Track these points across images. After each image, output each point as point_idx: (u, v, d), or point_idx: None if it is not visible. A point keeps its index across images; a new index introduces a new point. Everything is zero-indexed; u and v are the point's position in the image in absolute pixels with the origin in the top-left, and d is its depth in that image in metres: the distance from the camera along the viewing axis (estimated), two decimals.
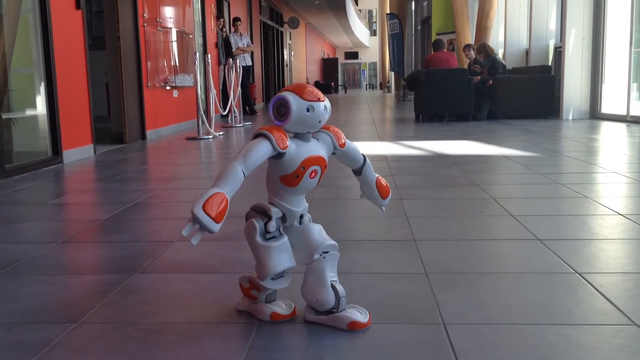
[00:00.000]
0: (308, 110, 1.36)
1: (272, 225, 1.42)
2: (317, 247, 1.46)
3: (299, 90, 1.37)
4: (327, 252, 1.47)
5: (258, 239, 1.42)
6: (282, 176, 1.41)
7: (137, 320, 1.54)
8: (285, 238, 1.46)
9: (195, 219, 1.24)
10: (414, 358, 1.30)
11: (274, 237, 1.44)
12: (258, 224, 1.43)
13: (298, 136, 1.41)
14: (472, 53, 9.27)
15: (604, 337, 1.38)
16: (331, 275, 1.47)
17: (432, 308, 1.57)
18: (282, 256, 1.44)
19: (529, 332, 1.41)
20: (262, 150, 1.35)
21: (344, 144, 1.49)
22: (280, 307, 1.53)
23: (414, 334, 1.42)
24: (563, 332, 1.40)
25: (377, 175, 1.61)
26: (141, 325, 1.50)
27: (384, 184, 1.62)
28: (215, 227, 1.26)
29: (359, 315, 1.47)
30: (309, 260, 1.46)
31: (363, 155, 1.57)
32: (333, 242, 1.49)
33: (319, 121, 1.39)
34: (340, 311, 1.46)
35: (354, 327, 1.44)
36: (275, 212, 1.43)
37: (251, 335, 1.43)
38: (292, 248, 1.47)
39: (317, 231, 1.48)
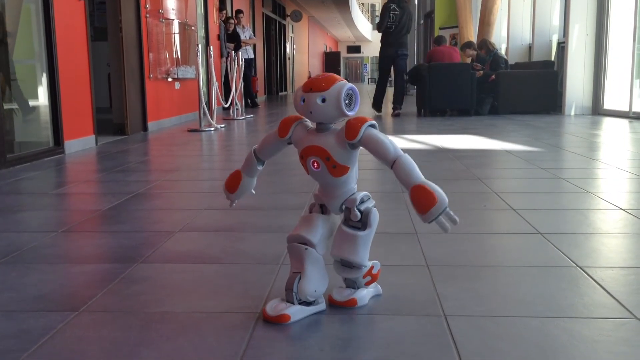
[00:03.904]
0: (303, 100, 1.40)
1: (316, 209, 1.52)
2: (333, 253, 1.49)
3: (305, 82, 1.42)
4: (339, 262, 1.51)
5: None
6: None
7: (138, 310, 1.54)
8: (317, 215, 1.49)
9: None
10: (415, 349, 1.30)
11: None
12: (310, 202, 1.56)
13: (318, 126, 1.44)
14: (472, 51, 9.21)
15: (605, 330, 1.38)
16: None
17: (434, 300, 1.57)
18: (301, 222, 1.50)
19: (530, 325, 1.41)
20: (270, 137, 1.52)
21: (356, 135, 1.36)
22: (275, 308, 1.46)
23: (415, 325, 1.42)
24: (564, 325, 1.40)
25: (420, 181, 1.32)
26: (142, 315, 1.51)
27: (424, 193, 1.30)
28: (229, 196, 1.60)
29: (339, 294, 1.55)
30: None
31: (397, 154, 1.35)
32: (350, 259, 1.45)
33: (310, 112, 1.39)
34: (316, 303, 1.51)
35: (330, 301, 1.55)
36: (316, 198, 1.53)
37: (252, 325, 1.43)
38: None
39: (342, 240, 1.47)
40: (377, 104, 9.13)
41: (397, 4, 8.75)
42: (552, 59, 9.34)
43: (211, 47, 7.31)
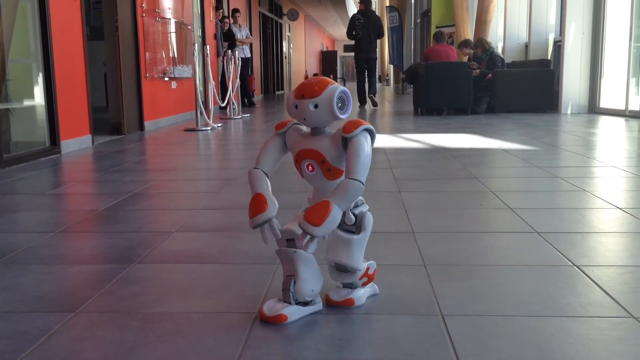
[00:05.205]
0: (296, 107, 1.40)
1: None
2: (328, 257, 1.51)
3: (296, 87, 1.42)
4: (334, 266, 1.53)
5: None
6: None
7: (135, 310, 1.54)
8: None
9: None
10: (412, 349, 1.30)
11: None
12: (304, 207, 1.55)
13: (312, 130, 1.44)
14: (468, 50, 9.21)
15: (602, 329, 1.39)
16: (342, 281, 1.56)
17: (431, 300, 1.57)
18: (292, 219, 1.49)
19: (527, 324, 1.41)
20: (270, 143, 1.49)
21: (352, 130, 1.33)
22: (273, 308, 1.46)
23: (412, 325, 1.42)
24: (561, 324, 1.41)
25: (332, 200, 1.31)
26: (140, 315, 1.50)
27: (319, 210, 1.30)
28: (251, 223, 1.41)
29: (336, 294, 1.56)
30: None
31: (355, 176, 1.31)
32: (345, 262, 1.48)
33: (304, 118, 1.40)
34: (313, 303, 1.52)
35: (327, 301, 1.55)
36: (310, 202, 1.51)
37: (250, 325, 1.43)
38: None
39: (336, 244, 1.48)
40: (360, 98, 10.64)
41: (362, 14, 10.36)
42: (549, 58, 9.35)
43: (208, 46, 7.30)
